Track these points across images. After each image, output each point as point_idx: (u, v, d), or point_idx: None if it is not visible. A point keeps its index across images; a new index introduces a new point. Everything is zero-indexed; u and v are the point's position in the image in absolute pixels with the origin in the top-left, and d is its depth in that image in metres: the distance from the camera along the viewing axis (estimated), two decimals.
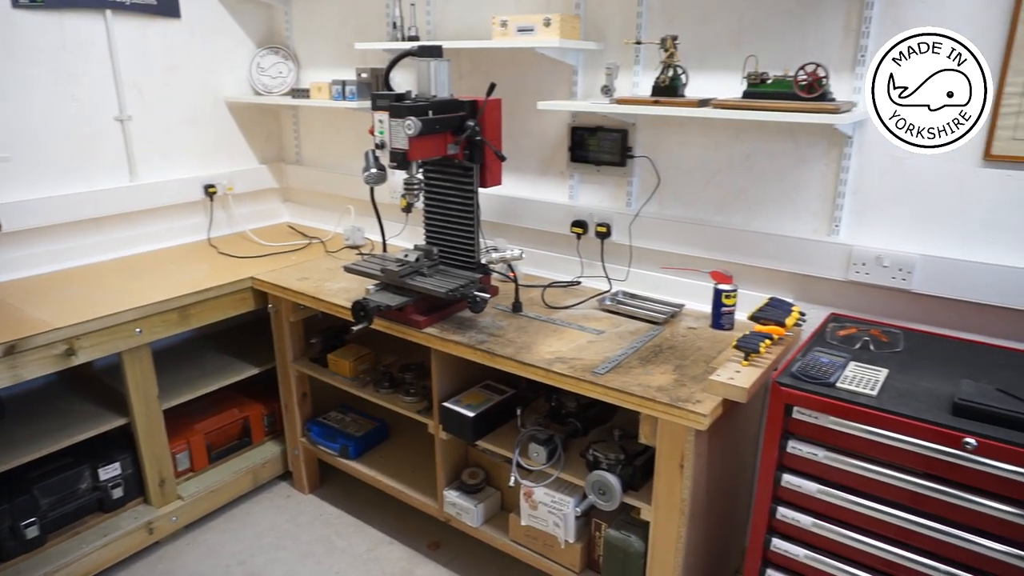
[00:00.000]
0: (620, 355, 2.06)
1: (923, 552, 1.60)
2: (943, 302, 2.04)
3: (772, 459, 1.74)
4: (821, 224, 2.21)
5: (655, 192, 2.51)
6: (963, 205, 1.98)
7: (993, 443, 1.44)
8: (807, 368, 1.71)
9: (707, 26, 2.27)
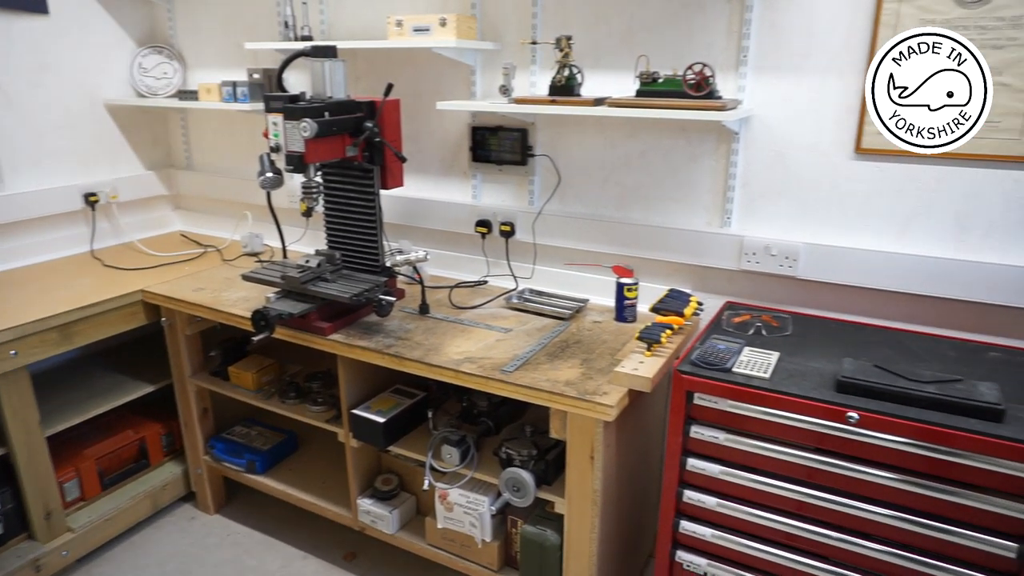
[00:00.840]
0: (528, 352, 2.08)
1: (819, 523, 1.70)
2: (826, 286, 2.17)
3: (677, 445, 1.81)
4: (714, 217, 2.31)
5: (556, 190, 2.55)
6: (839, 195, 2.12)
7: (873, 415, 1.55)
8: (705, 355, 1.79)
9: (600, 26, 2.33)
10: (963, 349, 1.90)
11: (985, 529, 1.52)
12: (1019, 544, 1.48)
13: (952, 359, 1.83)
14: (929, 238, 2.04)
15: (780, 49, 2.09)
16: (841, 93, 2.05)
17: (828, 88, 2.06)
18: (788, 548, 1.75)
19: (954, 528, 1.54)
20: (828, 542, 1.69)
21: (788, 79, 2.11)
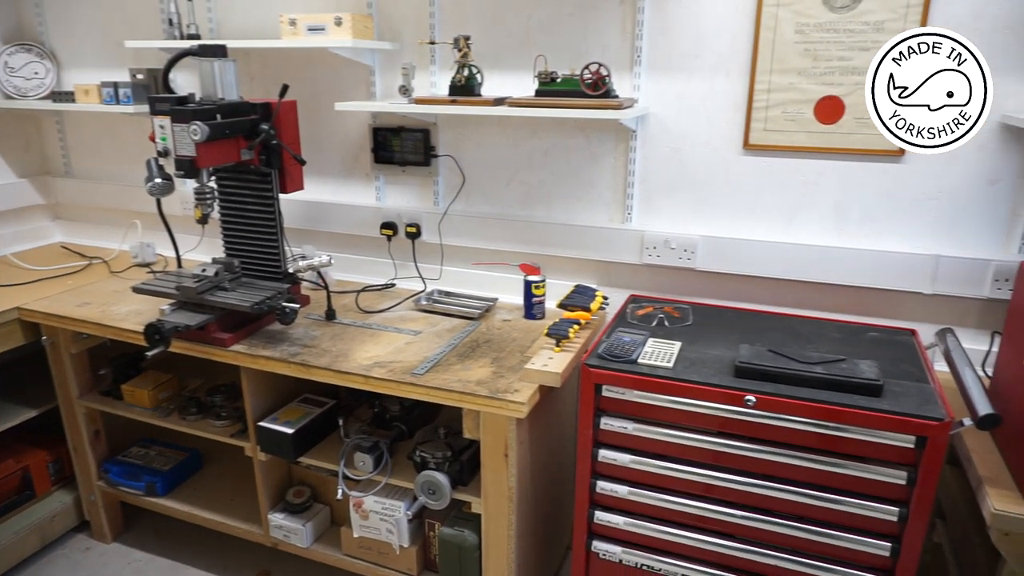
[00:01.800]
0: (438, 353, 2.07)
1: (726, 503, 1.77)
2: (722, 276, 2.28)
3: (588, 437, 1.85)
4: (616, 213, 2.38)
5: (461, 190, 2.55)
6: (731, 189, 2.22)
7: (768, 398, 1.64)
8: (611, 348, 1.84)
9: (498, 27, 2.34)
10: (846, 330, 2.04)
11: (870, 496, 1.63)
12: (899, 508, 1.60)
13: (837, 340, 1.96)
14: (813, 228, 2.17)
15: (672, 50, 2.17)
16: (729, 92, 2.15)
17: (717, 87, 2.16)
18: (698, 530, 1.82)
19: (845, 498, 1.65)
20: (735, 521, 1.77)
21: (680, 78, 2.19)
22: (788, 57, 2.06)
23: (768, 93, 2.10)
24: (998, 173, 1.97)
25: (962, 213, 2.03)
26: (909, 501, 1.60)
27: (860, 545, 1.66)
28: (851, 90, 2.03)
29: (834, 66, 2.02)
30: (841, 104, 2.05)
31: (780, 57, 2.06)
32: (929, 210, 2.05)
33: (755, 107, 2.12)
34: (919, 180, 2.04)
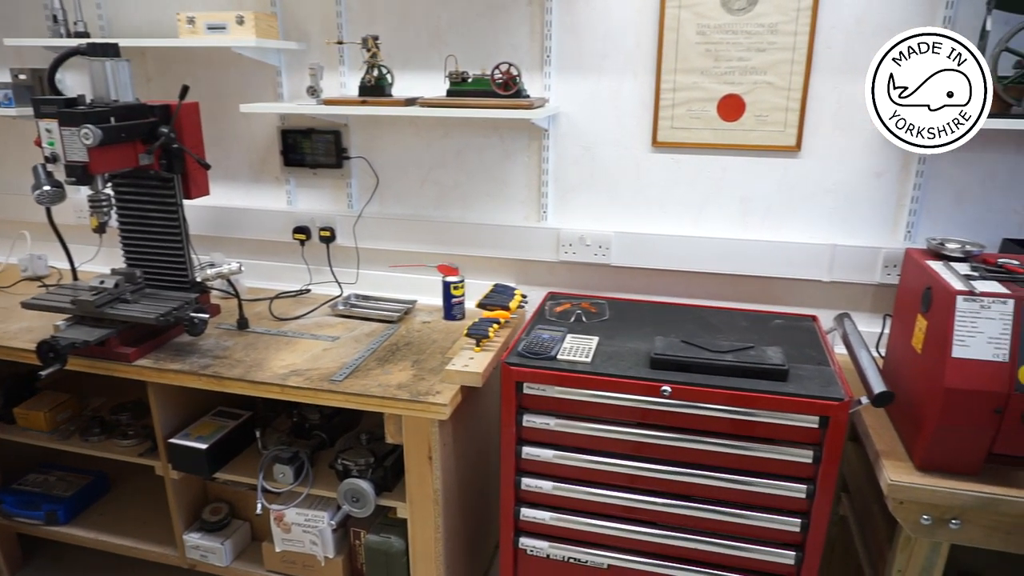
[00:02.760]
0: (357, 359, 2.03)
1: (649, 492, 1.82)
2: (636, 271, 2.34)
3: (511, 435, 1.86)
4: (531, 212, 2.40)
5: (375, 192, 2.51)
6: (642, 186, 2.28)
7: (683, 387, 1.69)
8: (531, 345, 1.85)
9: (408, 27, 2.32)
10: (753, 319, 2.13)
11: (780, 476, 1.71)
12: (807, 485, 1.69)
13: (745, 328, 2.04)
14: (720, 221, 2.26)
15: (580, 50, 2.21)
16: (637, 91, 2.20)
17: (625, 86, 2.21)
18: (623, 520, 1.86)
19: (758, 479, 1.72)
20: (658, 509, 1.81)
21: (590, 78, 2.23)
22: (691, 57, 2.13)
23: (674, 92, 2.17)
24: (883, 166, 2.10)
25: (854, 205, 2.15)
26: (816, 478, 1.68)
27: (773, 523, 1.74)
28: (750, 88, 2.12)
29: (734, 66, 2.11)
30: (742, 102, 2.14)
31: (684, 57, 2.13)
32: (825, 202, 2.17)
33: (662, 105, 2.19)
34: (815, 174, 2.15)
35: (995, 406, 1.44)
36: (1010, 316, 1.44)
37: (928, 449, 1.55)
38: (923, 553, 1.61)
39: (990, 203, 2.07)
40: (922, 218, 2.12)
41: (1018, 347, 1.42)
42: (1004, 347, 1.44)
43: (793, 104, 2.10)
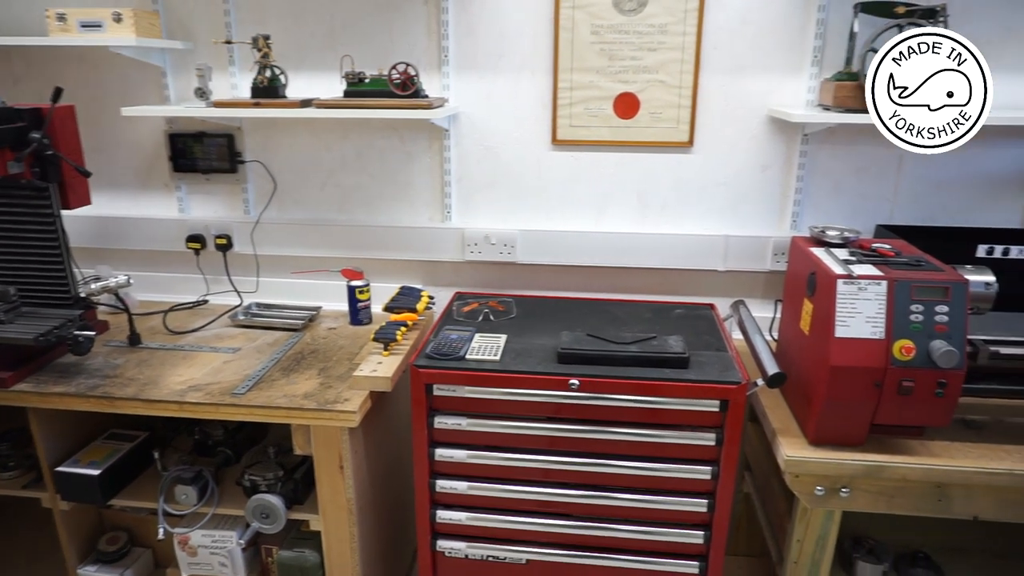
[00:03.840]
0: (261, 370, 1.96)
1: (564, 485, 1.84)
2: (542, 268, 2.37)
3: (423, 437, 1.84)
4: (435, 212, 2.39)
5: (273, 197, 2.43)
6: (544, 184, 2.32)
7: (591, 379, 1.73)
8: (439, 347, 1.84)
9: (300, 26, 2.26)
10: (655, 309, 2.20)
11: (687, 460, 1.78)
12: (711, 467, 1.76)
13: (648, 319, 2.11)
14: (620, 216, 2.32)
15: (478, 50, 2.22)
16: (535, 90, 2.23)
17: (523, 86, 2.23)
18: (539, 514, 1.88)
19: (666, 465, 1.78)
20: (573, 501, 1.84)
21: (488, 78, 2.24)
22: (586, 56, 2.18)
23: (571, 91, 2.21)
24: (769, 160, 2.22)
25: (744, 197, 2.26)
26: (719, 459, 1.76)
27: (682, 506, 1.81)
28: (644, 87, 2.18)
29: (627, 65, 2.17)
30: (636, 100, 2.20)
31: (579, 56, 2.18)
32: (717, 195, 2.27)
33: (560, 104, 2.22)
34: (707, 168, 2.24)
35: (875, 380, 1.55)
36: (884, 296, 1.55)
37: (818, 424, 1.65)
38: (818, 522, 1.72)
39: (864, 192, 2.22)
40: (805, 208, 2.25)
41: (892, 325, 1.54)
42: (880, 325, 1.54)
43: (684, 102, 2.19)
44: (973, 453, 1.64)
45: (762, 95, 2.17)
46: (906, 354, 1.52)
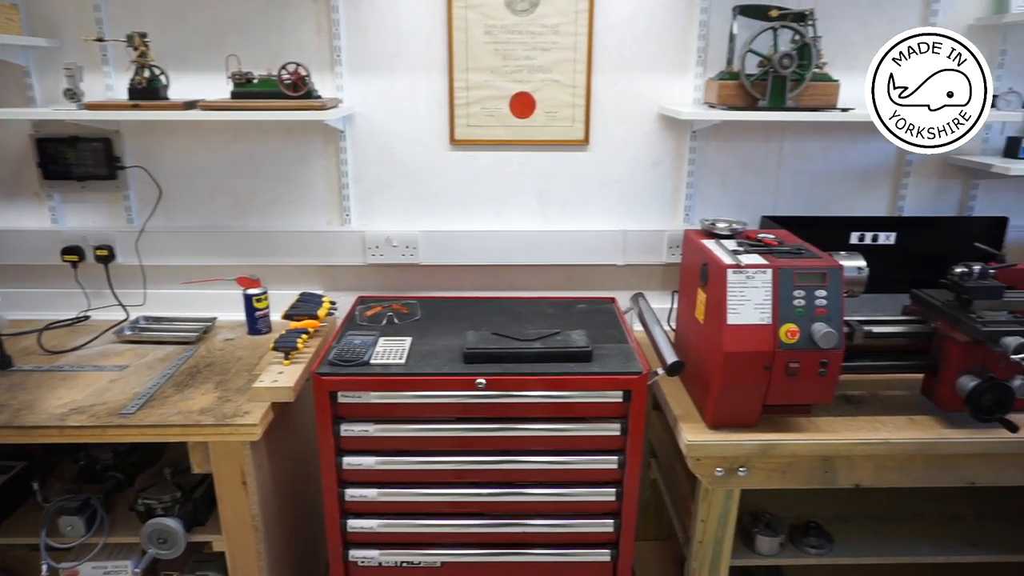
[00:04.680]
0: (152, 387, 1.86)
1: (477, 484, 1.84)
2: (445, 268, 2.36)
3: (330, 446, 1.80)
4: (334, 216, 2.33)
5: (158, 204, 2.30)
6: (444, 184, 2.31)
7: (497, 378, 1.74)
8: (342, 353, 1.80)
9: (180, 23, 2.15)
10: (559, 306, 2.23)
11: (595, 451, 1.82)
12: (618, 456, 1.81)
13: (551, 316, 2.14)
14: (521, 215, 2.34)
15: (371, 49, 2.18)
16: (431, 90, 2.22)
17: (419, 86, 2.21)
18: (453, 516, 1.87)
19: (575, 457, 1.81)
20: (487, 499, 1.85)
21: (383, 77, 2.21)
22: (481, 56, 2.18)
23: (467, 91, 2.21)
24: (661, 156, 2.30)
25: (639, 192, 2.33)
26: (625, 448, 1.81)
27: (592, 496, 1.85)
28: (539, 87, 2.21)
29: (522, 64, 2.19)
30: (532, 100, 2.23)
31: (474, 56, 2.18)
32: (613, 191, 2.33)
33: (457, 104, 2.22)
34: (603, 166, 2.30)
35: (765, 363, 1.64)
36: (770, 284, 1.64)
37: (715, 409, 1.73)
38: (719, 501, 1.80)
39: (749, 186, 2.34)
40: (697, 202, 2.35)
41: (778, 310, 1.63)
42: (767, 311, 1.63)
43: (579, 101, 2.23)
44: (853, 426, 1.77)
45: (652, 94, 2.25)
46: (791, 337, 1.62)
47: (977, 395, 1.68)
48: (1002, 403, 1.68)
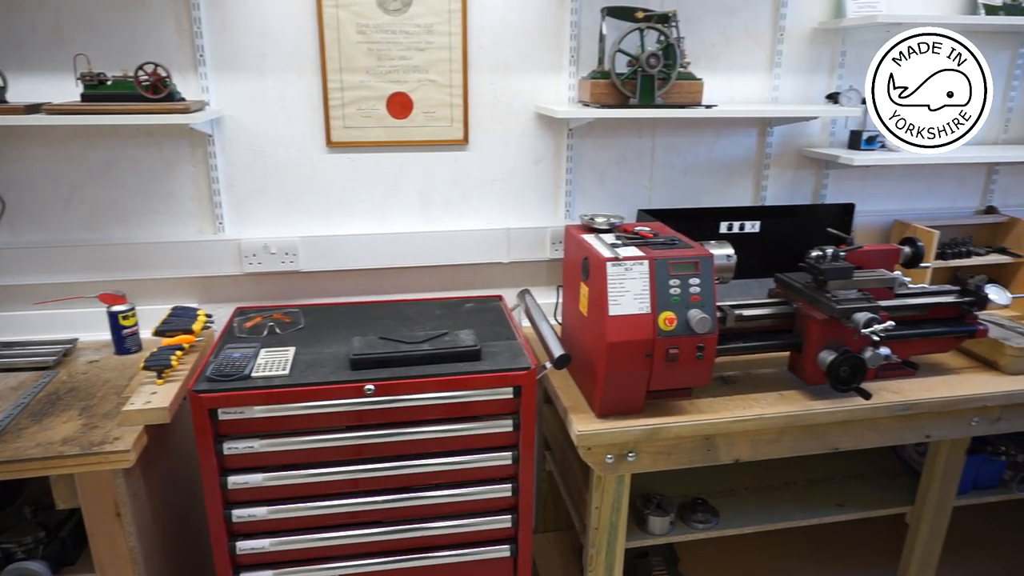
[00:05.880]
0: (4, 418, 1.69)
1: (376, 491, 1.81)
2: (328, 274, 2.30)
3: (212, 466, 1.70)
4: (205, 224, 2.21)
5: (1, 217, 2.10)
6: (323, 187, 2.24)
7: (387, 382, 1.71)
8: (221, 367, 1.71)
9: (16, 19, 1.96)
10: (446, 306, 2.23)
11: (490, 448, 1.83)
12: (512, 451, 1.83)
13: (440, 316, 2.13)
14: (403, 216, 2.32)
15: (238, 49, 2.09)
16: (304, 91, 2.15)
17: (291, 87, 2.14)
18: (350, 527, 1.82)
19: (471, 456, 1.82)
20: (385, 507, 1.81)
21: (252, 79, 2.12)
22: (355, 56, 2.14)
23: (342, 91, 2.16)
24: (540, 154, 2.34)
25: (520, 190, 2.37)
26: (518, 444, 1.83)
27: (489, 493, 1.86)
28: (416, 87, 2.20)
29: (397, 64, 2.17)
30: (409, 100, 2.21)
31: (348, 56, 2.13)
32: (496, 190, 2.35)
33: (332, 105, 2.17)
34: (484, 165, 2.32)
35: (646, 351, 1.70)
36: (647, 274, 1.70)
37: (602, 398, 1.78)
38: (612, 487, 1.85)
39: (625, 180, 2.43)
40: (576, 198, 2.41)
41: (656, 299, 1.70)
42: (646, 301, 1.70)
43: (456, 100, 2.23)
44: (730, 405, 1.88)
45: (529, 93, 2.28)
46: (669, 324, 1.69)
47: (835, 368, 1.82)
48: (856, 374, 1.84)
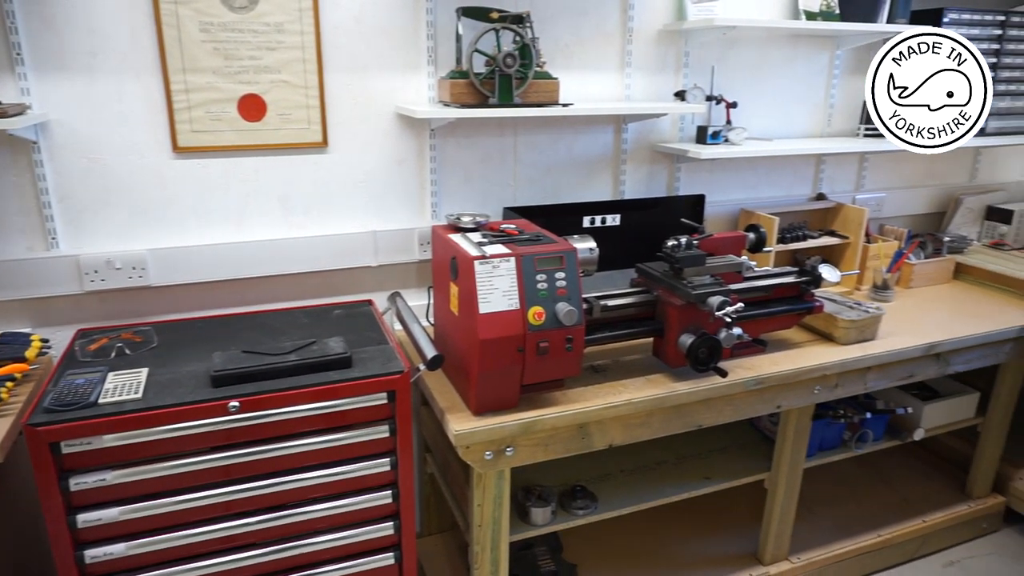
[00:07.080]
0: None
1: (252, 512, 1.72)
2: (183, 288, 2.15)
3: (58, 506, 1.55)
4: (36, 240, 2.01)
5: None
6: (172, 196, 2.10)
7: (252, 398, 1.63)
8: (61, 396, 1.56)
9: None
10: (314, 314, 2.15)
11: (367, 456, 1.79)
12: (390, 457, 1.80)
13: (307, 325, 2.06)
14: (263, 223, 2.22)
15: (63, 47, 1.91)
16: (143, 93, 2.00)
17: (128, 89, 1.99)
18: (226, 552, 1.72)
19: (348, 466, 1.77)
20: (264, 527, 1.73)
21: (82, 80, 1.95)
22: (199, 56, 2.02)
23: (187, 93, 2.03)
24: (403, 155, 2.32)
25: (385, 192, 2.33)
26: (396, 449, 1.80)
27: (369, 502, 1.82)
28: (268, 88, 2.10)
29: (247, 65, 2.07)
30: (262, 102, 2.11)
31: (191, 56, 2.01)
32: (359, 192, 2.30)
33: (176, 108, 2.03)
34: (346, 167, 2.26)
35: (517, 346, 1.73)
36: (514, 271, 1.73)
37: (477, 396, 1.79)
38: (492, 483, 1.87)
39: (489, 179, 2.46)
40: (442, 198, 2.40)
41: (524, 295, 1.73)
42: (515, 297, 1.73)
43: (313, 102, 2.16)
44: (601, 393, 1.94)
45: (388, 93, 2.25)
46: (538, 319, 1.73)
47: (694, 350, 1.94)
48: (713, 354, 1.96)
